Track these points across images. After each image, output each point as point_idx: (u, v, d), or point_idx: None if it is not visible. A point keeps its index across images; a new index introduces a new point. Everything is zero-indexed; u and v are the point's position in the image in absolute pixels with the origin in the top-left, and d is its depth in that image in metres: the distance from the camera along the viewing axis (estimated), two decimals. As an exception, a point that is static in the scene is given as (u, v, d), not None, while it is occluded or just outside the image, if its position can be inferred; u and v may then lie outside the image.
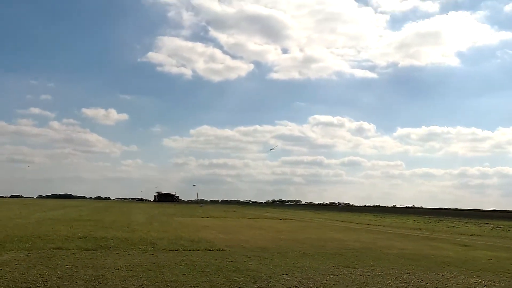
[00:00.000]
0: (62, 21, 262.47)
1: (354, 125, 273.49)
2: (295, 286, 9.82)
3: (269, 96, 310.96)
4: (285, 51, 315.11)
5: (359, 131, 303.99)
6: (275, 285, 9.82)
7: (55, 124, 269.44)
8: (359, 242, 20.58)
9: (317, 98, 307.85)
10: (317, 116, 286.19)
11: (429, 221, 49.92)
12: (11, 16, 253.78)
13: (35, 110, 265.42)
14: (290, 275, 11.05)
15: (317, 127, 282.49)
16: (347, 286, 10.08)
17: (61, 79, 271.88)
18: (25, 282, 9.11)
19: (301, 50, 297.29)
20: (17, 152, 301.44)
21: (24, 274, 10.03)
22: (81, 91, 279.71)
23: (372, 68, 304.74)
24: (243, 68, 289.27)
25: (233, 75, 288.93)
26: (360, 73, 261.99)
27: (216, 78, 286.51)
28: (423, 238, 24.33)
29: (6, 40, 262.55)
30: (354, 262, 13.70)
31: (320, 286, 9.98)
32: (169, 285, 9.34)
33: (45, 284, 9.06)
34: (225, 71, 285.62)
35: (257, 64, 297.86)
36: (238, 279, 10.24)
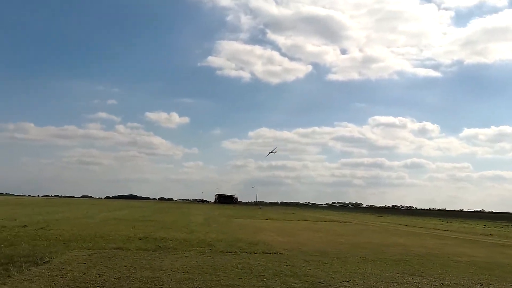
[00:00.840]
0: (125, 28, 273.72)
1: (417, 125, 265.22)
2: (356, 294, 9.25)
3: (327, 97, 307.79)
4: (343, 51, 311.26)
5: (422, 132, 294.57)
6: (334, 293, 9.31)
7: (121, 127, 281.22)
8: (424, 248, 19.50)
9: (377, 98, 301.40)
10: (377, 117, 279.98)
11: (501, 226, 46.96)
12: (79, 27, 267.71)
13: (102, 115, 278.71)
14: (351, 282, 10.50)
15: (378, 128, 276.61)
16: (413, 296, 9.38)
17: (126, 84, 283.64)
18: (84, 282, 9.20)
19: (361, 50, 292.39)
20: (87, 154, 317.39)
21: (84, 273, 10.17)
22: (145, 95, 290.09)
23: (435, 67, 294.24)
24: (301, 69, 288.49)
25: (291, 77, 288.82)
26: (423, 72, 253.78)
27: (274, 80, 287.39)
28: (495, 245, 22.75)
29: (74, 49, 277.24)
30: (419, 269, 12.87)
31: (383, 295, 9.36)
32: (225, 289, 9.09)
33: (103, 284, 9.11)
34: (283, 73, 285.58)
35: (315, 65, 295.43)
36: (296, 285, 9.84)
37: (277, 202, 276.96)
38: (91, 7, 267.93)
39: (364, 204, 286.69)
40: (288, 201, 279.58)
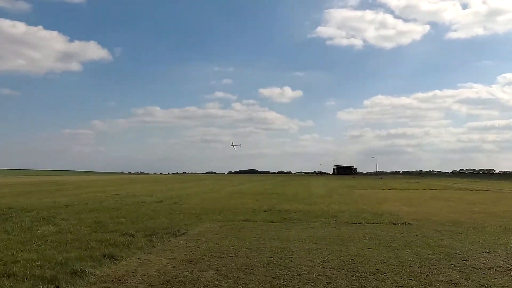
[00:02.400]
0: (234, 8, 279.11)
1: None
2: (500, 266, 8.54)
3: (449, 58, 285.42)
4: (464, 6, 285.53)
5: None
6: (474, 264, 8.69)
7: (237, 105, 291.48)
8: None
9: (507, 54, 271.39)
10: (508, 75, 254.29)
11: None
12: (192, 12, 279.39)
13: (219, 94, 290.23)
14: (491, 253, 9.72)
15: (510, 86, 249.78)
16: None
17: (239, 63, 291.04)
18: (218, 252, 9.74)
19: (484, 2, 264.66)
20: (208, 133, 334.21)
21: (218, 244, 10.77)
22: (257, 72, 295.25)
23: None
24: (418, 30, 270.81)
25: (406, 40, 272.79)
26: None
27: (389, 45, 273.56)
28: None
29: (191, 34, 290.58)
30: None
31: (532, 267, 8.52)
32: (354, 259, 8.99)
33: (236, 254, 9.55)
34: (398, 36, 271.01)
35: (433, 24, 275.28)
36: (430, 256, 9.37)
37: (399, 171, 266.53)
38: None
39: (497, 171, 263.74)
40: (410, 170, 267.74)
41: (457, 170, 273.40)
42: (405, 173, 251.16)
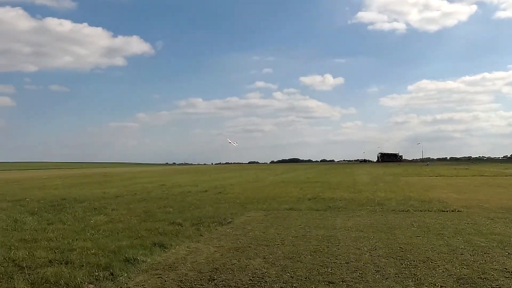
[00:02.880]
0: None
1: None
2: (558, 255, 8.17)
3: (498, 38, 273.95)
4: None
5: None
6: (530, 252, 8.36)
7: (278, 94, 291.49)
8: None
9: None
10: None
11: None
12: (231, 2, 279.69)
13: (260, 84, 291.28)
14: (549, 241, 9.32)
15: None
16: None
17: (279, 52, 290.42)
18: (265, 240, 9.82)
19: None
20: (249, 123, 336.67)
21: (264, 232, 10.85)
22: (297, 60, 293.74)
23: None
24: (464, 11, 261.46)
25: (452, 22, 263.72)
26: None
27: (433, 28, 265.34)
28: None
29: (230, 24, 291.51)
30: None
31: None
32: (403, 247, 8.84)
33: (282, 242, 9.59)
34: (443, 18, 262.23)
35: (480, 4, 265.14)
36: (482, 244, 9.08)
37: (446, 157, 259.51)
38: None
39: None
40: (458, 156, 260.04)
41: (509, 156, 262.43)
42: (453, 159, 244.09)
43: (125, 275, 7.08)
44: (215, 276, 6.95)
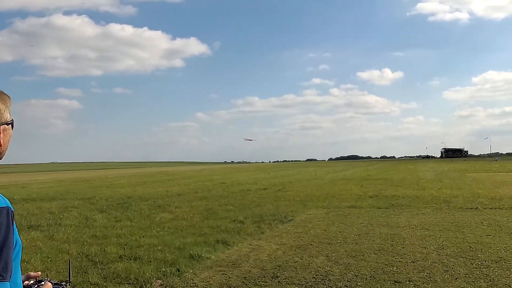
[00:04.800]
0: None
1: None
2: None
3: None
4: None
5: None
6: None
7: (335, 90, 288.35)
8: None
9: None
10: None
11: None
12: (287, 5, 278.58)
13: (317, 80, 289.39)
14: None
15: None
16: None
17: (335, 48, 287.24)
18: (327, 238, 9.74)
19: None
20: (307, 120, 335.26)
21: (325, 230, 10.76)
22: (354, 55, 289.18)
23: None
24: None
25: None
26: None
27: (500, 15, 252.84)
28: None
29: (284, 22, 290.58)
30: None
31: None
32: (473, 246, 8.45)
33: (345, 240, 9.47)
34: (510, 4, 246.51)
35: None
36: (561, 244, 8.51)
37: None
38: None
39: None
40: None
41: None
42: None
43: (191, 271, 7.27)
44: (278, 274, 6.98)
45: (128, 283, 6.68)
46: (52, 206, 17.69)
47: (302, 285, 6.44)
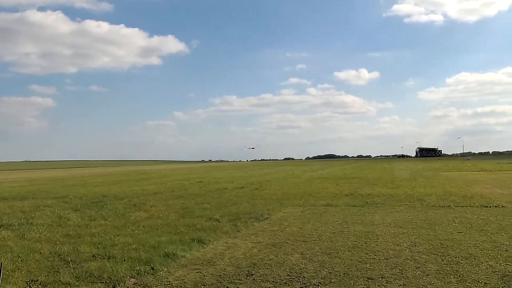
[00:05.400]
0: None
1: None
2: None
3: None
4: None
5: None
6: None
7: (312, 90, 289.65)
8: None
9: None
10: None
11: None
12: (265, 4, 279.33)
13: (294, 80, 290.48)
14: None
15: None
16: None
17: (312, 48, 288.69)
18: (302, 236, 9.80)
19: None
20: (284, 119, 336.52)
21: (301, 228, 10.83)
22: (331, 55, 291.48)
23: None
24: (504, 0, 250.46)
25: (492, 11, 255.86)
26: None
27: (472, 18, 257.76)
28: None
29: (262, 21, 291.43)
30: None
31: None
32: (444, 243, 8.63)
33: (320, 238, 9.54)
34: (482, 8, 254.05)
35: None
36: (529, 240, 8.76)
37: (488, 152, 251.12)
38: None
39: None
40: (501, 150, 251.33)
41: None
42: (496, 153, 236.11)
43: (165, 269, 7.22)
44: (253, 271, 6.99)
45: (101, 282, 6.60)
46: (24, 205, 17.34)
47: (277, 282, 6.46)
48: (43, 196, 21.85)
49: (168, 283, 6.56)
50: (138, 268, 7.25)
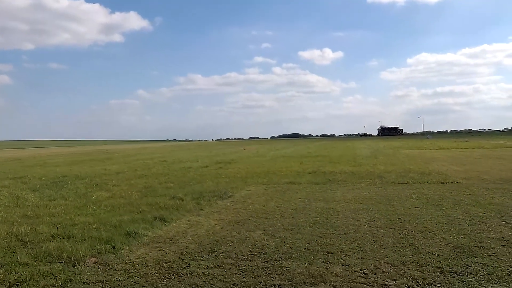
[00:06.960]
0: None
1: None
2: (555, 223, 8.25)
3: (498, 9, 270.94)
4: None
5: None
6: (527, 221, 8.44)
7: (277, 69, 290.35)
8: None
9: None
10: None
11: None
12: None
13: (259, 59, 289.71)
14: (546, 210, 9.39)
15: None
16: None
17: (277, 26, 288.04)
18: (265, 213, 9.91)
19: None
20: (250, 98, 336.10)
21: (264, 206, 10.94)
22: (296, 35, 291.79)
23: None
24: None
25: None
26: None
27: (433, 0, 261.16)
28: None
29: (228, 1, 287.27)
30: None
31: None
32: (401, 218, 8.92)
33: (282, 215, 9.68)
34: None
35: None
36: (480, 214, 9.16)
37: (446, 131, 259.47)
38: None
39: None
40: (458, 129, 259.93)
41: (510, 128, 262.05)
42: (453, 132, 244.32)
43: (127, 248, 7.17)
44: (215, 248, 7.04)
45: (60, 262, 6.49)
46: (-20, 186, 16.74)
47: (239, 258, 6.53)
48: (0, 176, 21.16)
49: (130, 261, 6.52)
50: (98, 247, 7.16)
